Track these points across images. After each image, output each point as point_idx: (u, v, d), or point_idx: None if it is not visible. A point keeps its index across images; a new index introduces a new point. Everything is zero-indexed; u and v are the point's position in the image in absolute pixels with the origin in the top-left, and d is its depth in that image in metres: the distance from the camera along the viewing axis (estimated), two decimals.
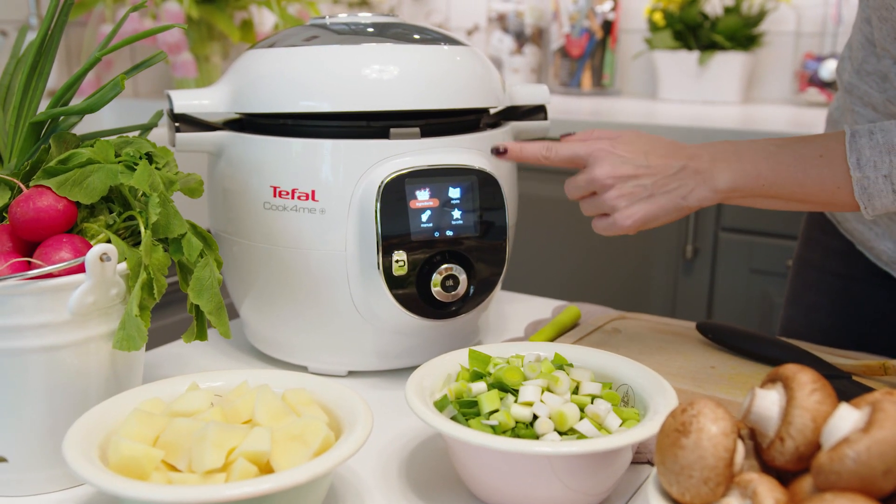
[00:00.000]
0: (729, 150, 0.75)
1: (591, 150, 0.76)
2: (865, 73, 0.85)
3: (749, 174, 0.74)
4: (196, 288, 0.67)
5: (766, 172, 0.74)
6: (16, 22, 1.97)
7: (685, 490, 0.48)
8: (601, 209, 0.77)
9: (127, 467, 0.54)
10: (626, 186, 0.74)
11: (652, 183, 0.74)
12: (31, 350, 0.61)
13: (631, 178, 0.74)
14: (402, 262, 0.77)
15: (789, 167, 0.73)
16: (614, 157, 0.75)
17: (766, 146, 0.75)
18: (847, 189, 0.72)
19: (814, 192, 0.74)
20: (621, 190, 0.74)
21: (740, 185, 0.74)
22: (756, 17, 2.25)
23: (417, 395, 0.63)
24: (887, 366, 0.78)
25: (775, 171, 0.73)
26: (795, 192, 0.74)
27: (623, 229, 0.76)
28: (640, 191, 0.74)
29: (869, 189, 0.71)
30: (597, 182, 0.75)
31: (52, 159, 0.67)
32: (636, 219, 0.75)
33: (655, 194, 0.74)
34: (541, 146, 0.78)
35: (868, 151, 0.71)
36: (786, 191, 0.74)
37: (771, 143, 0.76)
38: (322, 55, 0.80)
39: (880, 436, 0.43)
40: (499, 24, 2.61)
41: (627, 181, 0.74)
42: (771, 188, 0.74)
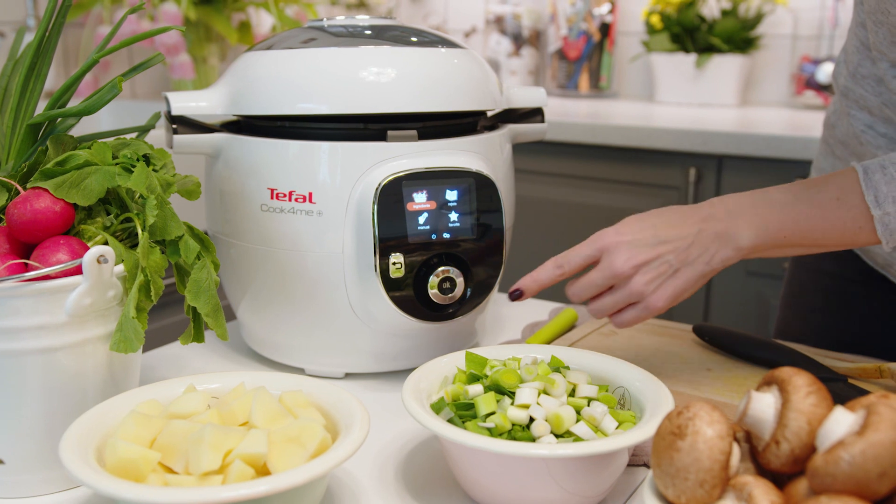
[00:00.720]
0: (745, 204, 0.73)
1: (599, 245, 0.73)
2: (861, 77, 0.85)
3: (770, 229, 0.72)
4: (193, 290, 0.67)
5: (788, 225, 0.72)
6: (13, 23, 1.97)
7: (681, 493, 0.48)
8: (627, 300, 0.73)
9: (124, 469, 0.54)
10: (649, 270, 0.72)
11: (675, 258, 0.72)
12: (29, 352, 0.61)
13: (652, 261, 0.71)
14: (399, 264, 0.77)
15: (809, 216, 0.72)
16: (626, 244, 0.72)
17: (781, 196, 0.73)
18: (868, 228, 0.71)
19: (835, 235, 0.72)
20: (647, 275, 0.72)
21: (762, 240, 0.72)
22: (753, 20, 2.25)
23: (414, 398, 0.63)
24: (883, 369, 0.78)
25: (796, 223, 0.72)
26: (818, 238, 0.72)
27: (656, 311, 0.73)
28: (666, 269, 0.72)
29: (891, 225, 0.70)
30: (617, 275, 0.72)
31: (49, 161, 0.67)
32: (667, 298, 0.72)
33: (680, 268, 0.72)
34: (552, 265, 0.75)
35: (885, 187, 0.70)
36: (808, 239, 0.73)
37: (785, 191, 0.73)
38: (319, 58, 0.80)
39: (875, 439, 0.43)
40: (496, 27, 2.61)
41: (649, 264, 0.71)
42: (792, 238, 0.72)
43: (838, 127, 0.93)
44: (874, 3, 0.78)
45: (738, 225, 0.72)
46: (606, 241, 0.72)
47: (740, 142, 1.73)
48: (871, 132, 0.85)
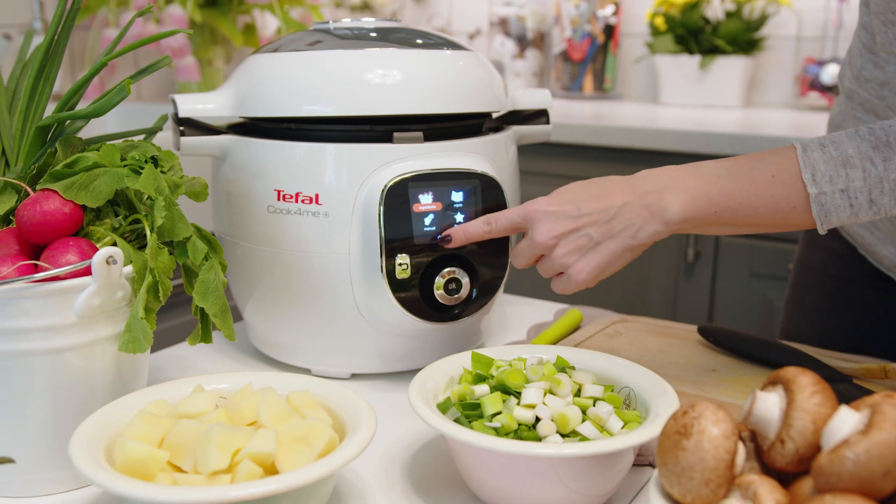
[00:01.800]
0: (676, 177, 0.71)
1: (525, 212, 0.74)
2: (864, 80, 0.85)
3: (700, 202, 0.70)
4: (201, 291, 0.68)
5: (718, 198, 0.70)
6: (19, 26, 1.97)
7: (686, 491, 0.48)
8: (554, 269, 0.74)
9: (133, 468, 0.55)
10: (570, 242, 0.72)
11: (595, 231, 0.71)
12: (38, 352, 0.61)
13: (572, 233, 0.72)
14: (405, 265, 0.77)
15: (741, 191, 0.70)
16: (549, 215, 0.72)
17: (714, 170, 0.71)
18: (802, 207, 0.69)
19: (768, 214, 0.70)
20: (567, 247, 0.72)
21: (692, 214, 0.70)
22: (757, 22, 2.25)
23: (420, 398, 0.63)
24: (888, 369, 0.78)
25: (728, 196, 0.70)
26: (750, 216, 0.70)
27: (580, 284, 0.73)
28: (586, 241, 0.72)
29: (826, 205, 0.68)
30: (539, 245, 0.73)
31: (58, 163, 0.68)
32: (589, 271, 0.72)
33: (602, 241, 0.72)
34: (482, 221, 0.77)
35: (822, 166, 0.68)
36: (739, 216, 0.70)
37: (719, 165, 0.72)
38: (326, 60, 0.81)
39: (879, 438, 0.44)
40: (501, 29, 2.62)
41: (570, 236, 0.72)
42: (723, 214, 0.70)
43: (843, 128, 0.93)
44: (883, 3, 0.78)
45: (666, 198, 0.70)
46: (532, 209, 0.73)
47: (744, 143, 1.73)
48: None
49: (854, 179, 0.68)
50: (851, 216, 0.69)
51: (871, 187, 0.67)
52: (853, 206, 0.68)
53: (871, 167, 0.67)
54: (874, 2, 0.80)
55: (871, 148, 0.68)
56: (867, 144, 0.68)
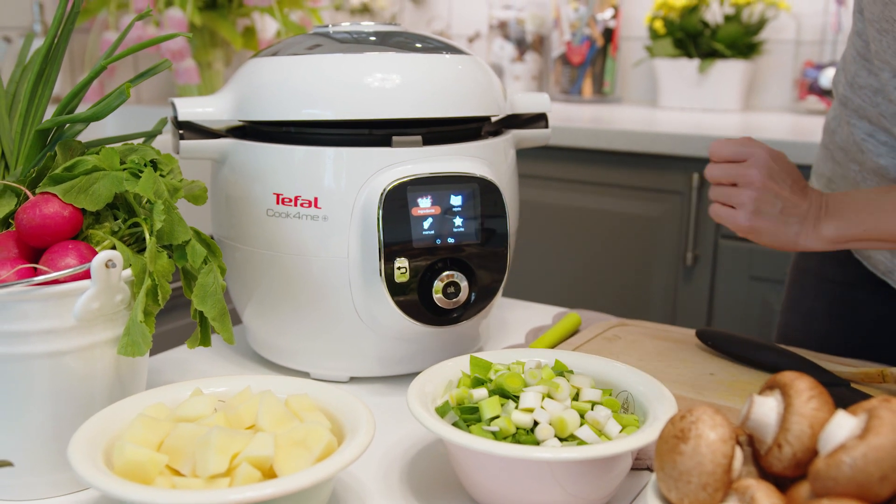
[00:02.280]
0: (838, 199, 0.81)
1: (752, 150, 0.81)
2: (858, 87, 0.86)
3: (852, 224, 0.79)
4: (200, 294, 0.68)
5: (868, 222, 0.79)
6: (19, 28, 1.98)
7: (684, 496, 0.48)
8: (730, 199, 0.82)
9: (131, 472, 0.55)
10: (766, 195, 0.80)
11: (782, 207, 0.80)
12: (37, 355, 0.61)
13: (773, 191, 0.80)
14: (403, 268, 0.78)
15: (889, 214, 0.78)
16: (771, 168, 0.80)
17: (868, 195, 0.81)
18: None
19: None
20: (761, 196, 0.80)
21: (844, 234, 0.80)
22: (756, 26, 2.26)
23: (419, 401, 0.63)
24: (885, 373, 0.79)
25: (877, 220, 0.79)
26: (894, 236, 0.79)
27: (738, 227, 0.82)
28: (772, 206, 0.80)
29: None
30: (747, 178, 0.80)
31: (57, 166, 0.68)
32: (754, 224, 0.81)
33: (779, 216, 0.80)
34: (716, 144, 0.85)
35: None
36: (885, 235, 0.79)
37: (874, 191, 0.81)
38: (325, 64, 0.81)
39: (877, 442, 0.44)
40: (500, 32, 2.62)
41: (769, 192, 0.80)
42: (874, 234, 0.79)
43: (838, 133, 0.93)
44: (878, 11, 0.78)
45: (825, 219, 0.80)
46: (759, 153, 0.81)
47: None
48: (871, 140, 0.85)
49: None
50: None
51: None
52: None
53: None
54: (868, 10, 0.80)
55: None
56: None
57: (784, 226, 0.81)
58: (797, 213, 0.80)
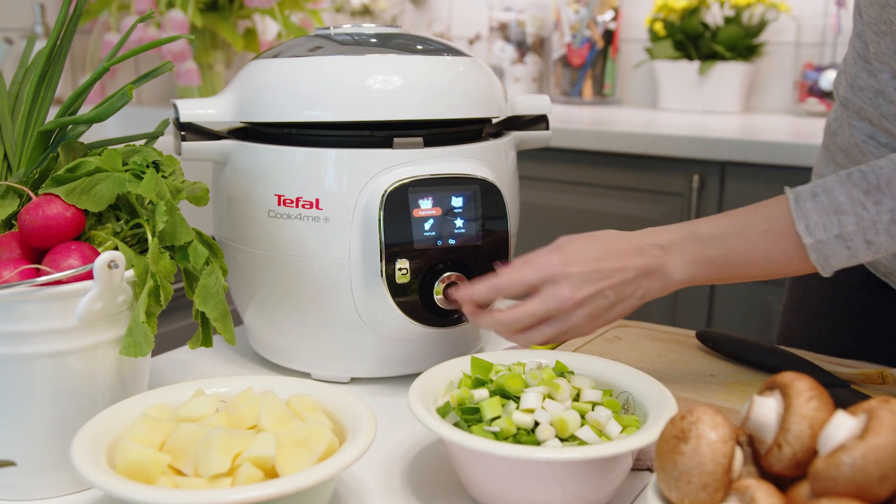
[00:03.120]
0: (676, 240, 0.74)
1: (542, 274, 0.73)
2: (859, 89, 0.86)
3: (700, 265, 0.73)
4: (202, 295, 0.68)
5: (715, 259, 0.73)
6: (21, 30, 1.98)
7: (684, 496, 0.49)
8: (558, 330, 0.74)
9: (134, 471, 0.55)
10: (589, 305, 0.72)
11: (613, 293, 0.73)
12: (39, 356, 0.62)
13: (595, 295, 0.72)
14: (405, 269, 0.78)
15: (737, 249, 0.73)
16: (571, 277, 0.72)
17: (711, 231, 0.74)
18: (798, 257, 0.71)
19: (765, 266, 0.73)
20: (586, 310, 0.72)
21: (693, 276, 0.74)
22: (756, 28, 2.26)
23: (420, 402, 0.64)
24: (885, 374, 0.79)
25: (724, 257, 0.73)
26: (748, 270, 0.73)
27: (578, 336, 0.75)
28: (605, 304, 0.73)
29: (823, 251, 0.70)
30: (560, 308, 0.72)
31: (60, 168, 0.68)
32: (595, 328, 0.74)
33: (617, 303, 0.73)
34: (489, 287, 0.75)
35: (815, 215, 0.70)
36: (738, 271, 0.74)
37: (715, 225, 0.74)
38: (326, 65, 0.81)
39: (876, 443, 0.44)
40: (500, 34, 2.62)
41: (592, 299, 0.72)
42: (723, 272, 0.74)
43: (839, 135, 0.93)
44: (875, 13, 0.78)
45: (669, 262, 0.73)
46: (550, 270, 0.72)
47: (743, 149, 1.74)
48: (872, 142, 0.85)
49: (847, 225, 0.69)
50: (851, 258, 0.70)
51: (864, 230, 0.69)
52: (850, 249, 0.70)
53: (864, 211, 0.69)
54: (866, 12, 0.81)
55: (862, 193, 0.69)
56: (858, 190, 0.69)
57: (626, 303, 0.73)
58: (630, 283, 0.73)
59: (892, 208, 0.68)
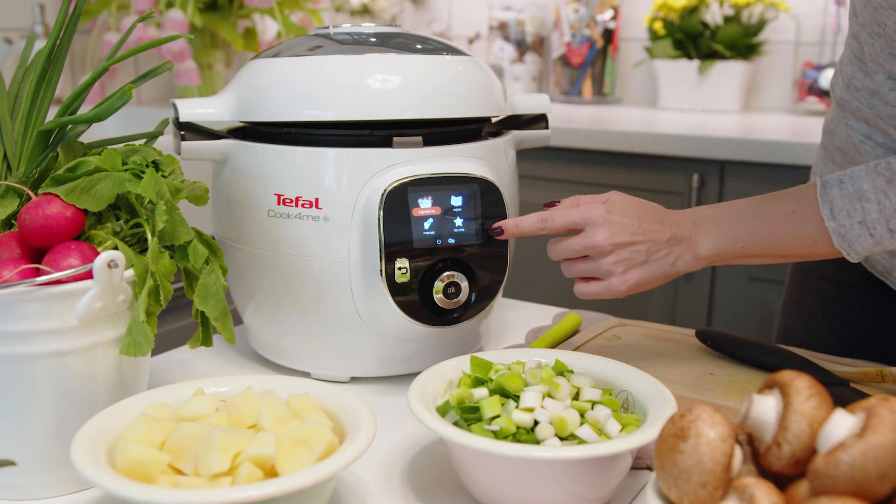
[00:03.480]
0: (708, 216, 0.78)
1: (587, 215, 0.76)
2: (855, 89, 0.86)
3: (728, 240, 0.76)
4: (202, 294, 0.68)
5: (743, 236, 0.76)
6: (20, 30, 1.98)
7: (684, 494, 0.49)
8: (593, 273, 0.77)
9: (134, 471, 0.55)
10: (623, 253, 0.76)
11: (645, 249, 0.76)
12: (39, 355, 0.62)
13: (628, 245, 0.76)
14: (404, 269, 0.78)
15: (765, 228, 0.76)
16: (611, 223, 0.76)
17: (741, 209, 0.77)
18: (824, 240, 0.74)
19: (792, 247, 0.76)
20: (619, 256, 0.76)
21: (721, 251, 0.77)
22: (756, 27, 2.26)
23: (420, 401, 0.64)
24: (884, 373, 0.79)
25: (753, 234, 0.76)
26: (775, 250, 0.76)
27: (617, 293, 0.77)
28: (636, 256, 0.76)
29: (847, 236, 0.73)
30: (595, 248, 0.76)
31: (60, 167, 0.68)
32: (630, 284, 0.77)
33: (649, 261, 0.77)
34: (536, 218, 0.79)
35: (840, 201, 0.73)
36: (765, 250, 0.76)
37: (746, 204, 0.78)
38: (326, 65, 0.81)
39: (875, 441, 0.44)
40: (500, 33, 2.62)
41: (625, 248, 0.76)
42: (751, 249, 0.77)
43: (836, 134, 0.93)
44: (869, 15, 0.78)
45: (700, 235, 0.77)
46: (594, 213, 0.76)
47: (743, 147, 1.74)
48: (869, 142, 0.85)
49: (870, 212, 0.72)
50: (875, 245, 0.73)
51: (888, 218, 0.72)
52: (874, 236, 0.73)
53: (886, 200, 0.72)
54: (861, 13, 0.81)
55: (886, 182, 0.72)
56: (882, 179, 0.72)
57: (657, 264, 0.77)
58: (663, 245, 0.76)
59: None
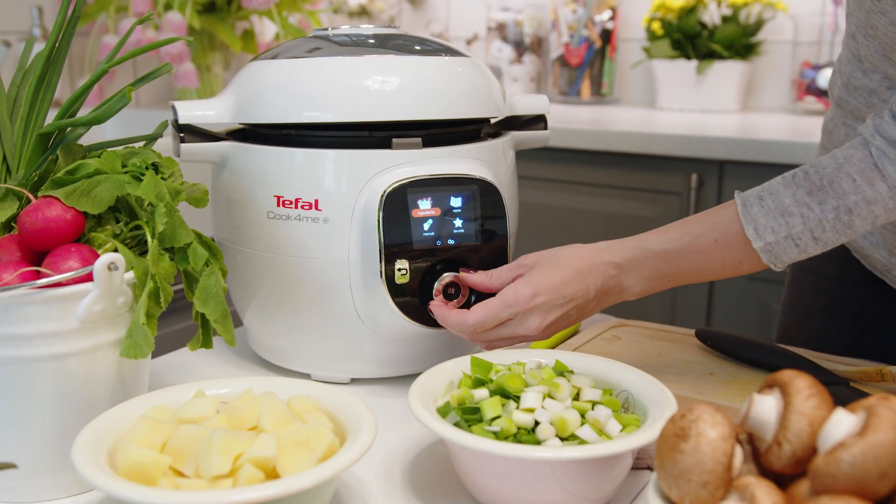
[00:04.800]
0: (630, 259, 0.77)
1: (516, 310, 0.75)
2: (853, 88, 0.86)
3: (654, 279, 0.77)
4: (202, 296, 0.68)
5: (668, 272, 0.76)
6: (18, 33, 1.98)
7: (684, 494, 0.49)
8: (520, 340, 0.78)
9: (135, 473, 0.55)
10: (554, 326, 0.77)
11: (576, 312, 0.77)
12: (40, 358, 0.62)
13: (560, 319, 0.77)
14: (404, 270, 0.78)
15: (689, 261, 0.76)
16: (539, 308, 0.75)
17: (662, 246, 0.76)
18: (749, 260, 0.74)
19: (717, 271, 0.76)
20: (551, 329, 0.77)
21: (649, 289, 0.78)
22: (754, 27, 2.26)
23: (420, 402, 0.64)
24: (884, 372, 0.79)
25: (677, 268, 0.76)
26: (700, 276, 0.77)
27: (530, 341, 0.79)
28: (567, 322, 0.78)
29: (774, 251, 0.73)
30: (528, 336, 0.77)
31: (59, 170, 0.68)
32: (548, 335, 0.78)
33: (577, 318, 0.78)
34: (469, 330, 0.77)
35: (763, 219, 0.72)
36: (692, 278, 0.77)
37: (666, 240, 0.76)
38: (325, 66, 0.81)
39: (875, 440, 0.44)
40: (498, 34, 2.62)
41: (557, 323, 0.77)
42: (677, 280, 0.77)
43: (835, 134, 0.93)
44: (862, 17, 0.79)
45: (626, 279, 0.77)
46: (521, 305, 0.75)
47: (741, 147, 1.74)
48: None
49: (794, 226, 0.72)
50: (801, 254, 0.73)
51: (812, 229, 0.71)
52: (799, 246, 0.72)
53: (809, 212, 0.71)
54: (854, 16, 0.81)
55: (807, 194, 0.71)
56: (802, 191, 0.72)
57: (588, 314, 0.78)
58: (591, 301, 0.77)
59: (837, 206, 0.70)
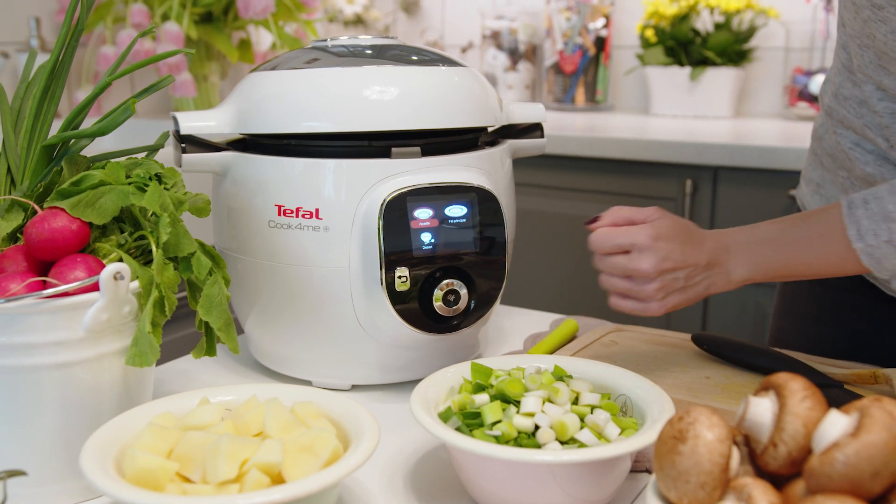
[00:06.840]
0: (739, 241, 0.80)
1: (633, 240, 0.78)
2: (843, 98, 0.87)
3: (759, 266, 0.79)
4: (206, 305, 0.69)
5: (774, 261, 0.79)
6: (16, 44, 1.99)
7: (683, 495, 0.50)
8: (633, 294, 0.80)
9: (143, 479, 0.56)
10: (665, 279, 0.78)
11: (685, 275, 0.79)
12: (47, 367, 0.62)
13: (671, 271, 0.78)
14: (404, 277, 0.79)
15: (794, 252, 0.78)
16: (657, 250, 0.77)
17: (770, 234, 0.80)
18: (852, 259, 0.76)
19: (821, 267, 0.79)
20: (662, 282, 0.78)
21: (753, 276, 0.80)
22: (746, 33, 2.28)
23: (422, 407, 0.65)
24: (877, 374, 0.80)
25: (783, 258, 0.79)
26: (804, 271, 0.79)
27: (653, 315, 0.80)
28: (676, 282, 0.79)
29: (875, 255, 0.74)
30: (641, 272, 0.78)
31: (64, 181, 0.69)
32: (668, 308, 0.80)
33: (687, 286, 0.79)
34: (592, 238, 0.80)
35: (866, 221, 0.74)
36: (795, 272, 0.79)
37: (774, 229, 0.80)
38: (324, 77, 0.82)
39: (868, 440, 0.45)
40: (493, 42, 2.64)
41: (668, 274, 0.78)
42: (781, 272, 0.79)
43: (825, 140, 0.94)
44: (859, 27, 0.80)
45: (732, 261, 0.80)
46: (640, 239, 0.78)
47: (735, 153, 1.75)
48: (858, 149, 0.87)
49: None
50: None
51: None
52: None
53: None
54: (850, 25, 0.82)
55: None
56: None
57: (694, 289, 0.79)
58: (701, 270, 0.79)
59: None
